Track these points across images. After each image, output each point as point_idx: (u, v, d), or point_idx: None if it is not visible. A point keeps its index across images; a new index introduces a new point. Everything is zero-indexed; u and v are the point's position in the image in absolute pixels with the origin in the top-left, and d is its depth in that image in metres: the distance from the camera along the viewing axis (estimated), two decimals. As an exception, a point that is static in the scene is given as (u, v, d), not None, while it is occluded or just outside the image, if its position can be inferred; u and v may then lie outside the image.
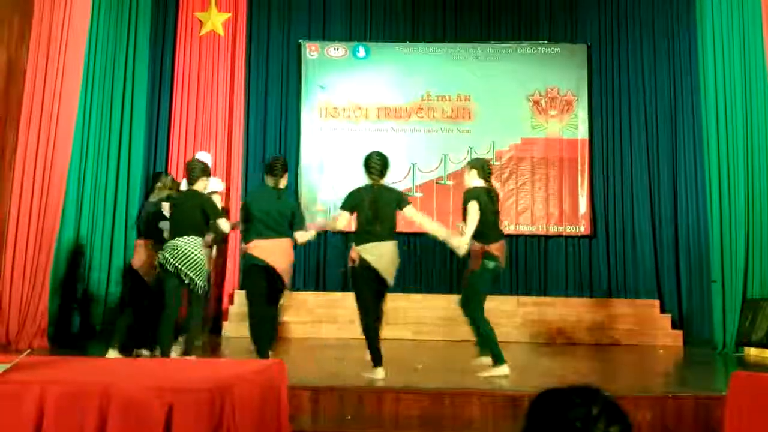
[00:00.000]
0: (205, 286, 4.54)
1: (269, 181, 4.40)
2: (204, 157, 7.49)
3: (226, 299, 7.27)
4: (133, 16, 7.16)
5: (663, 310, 7.37)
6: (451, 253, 4.95)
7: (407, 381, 4.03)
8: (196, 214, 4.40)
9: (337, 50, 8.39)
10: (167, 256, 4.33)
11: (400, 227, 4.43)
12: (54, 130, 5.43)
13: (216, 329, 6.91)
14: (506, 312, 7.19)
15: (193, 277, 4.32)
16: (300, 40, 8.37)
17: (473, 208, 4.24)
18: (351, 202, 4.22)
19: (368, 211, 4.11)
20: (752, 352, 6.06)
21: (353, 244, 4.18)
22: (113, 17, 6.84)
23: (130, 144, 7.09)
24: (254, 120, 8.16)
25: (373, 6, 8.44)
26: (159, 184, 5.43)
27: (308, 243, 4.88)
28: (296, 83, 8.33)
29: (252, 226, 4.27)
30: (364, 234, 4.12)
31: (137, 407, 1.91)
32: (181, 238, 4.34)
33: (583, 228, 7.96)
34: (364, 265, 4.08)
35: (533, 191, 8.05)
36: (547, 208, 8.05)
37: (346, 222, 4.41)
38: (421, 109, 8.31)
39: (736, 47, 6.54)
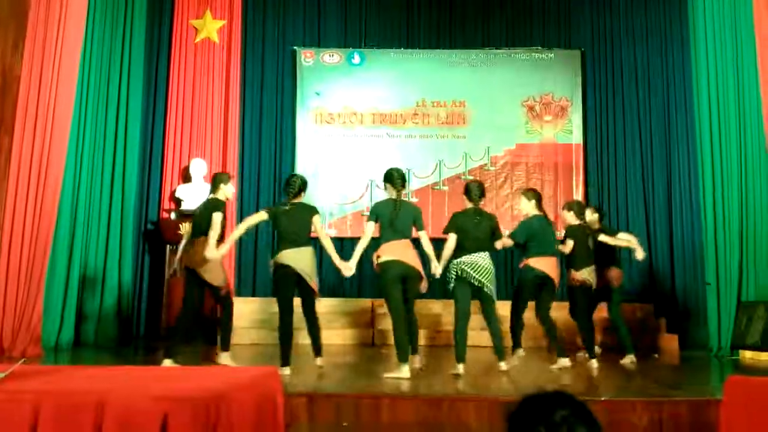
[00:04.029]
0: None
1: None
2: (199, 164, 7.53)
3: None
4: (128, 23, 7.16)
5: (658, 314, 7.38)
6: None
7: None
8: (488, 233, 4.88)
9: (332, 57, 8.41)
10: (469, 270, 4.71)
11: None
12: (49, 136, 5.42)
13: (211, 336, 6.85)
14: (504, 317, 7.18)
15: (492, 288, 4.84)
16: (295, 47, 8.39)
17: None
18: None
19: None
20: (747, 355, 6.08)
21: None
22: (108, 24, 6.85)
23: (125, 150, 7.07)
24: (249, 127, 8.16)
25: (368, 13, 8.47)
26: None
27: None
28: (291, 90, 8.35)
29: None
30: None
31: (133, 416, 1.90)
32: (479, 254, 4.76)
33: (578, 233, 7.94)
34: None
35: (528, 196, 8.05)
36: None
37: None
38: (416, 115, 8.33)
39: (729, 53, 6.59)
